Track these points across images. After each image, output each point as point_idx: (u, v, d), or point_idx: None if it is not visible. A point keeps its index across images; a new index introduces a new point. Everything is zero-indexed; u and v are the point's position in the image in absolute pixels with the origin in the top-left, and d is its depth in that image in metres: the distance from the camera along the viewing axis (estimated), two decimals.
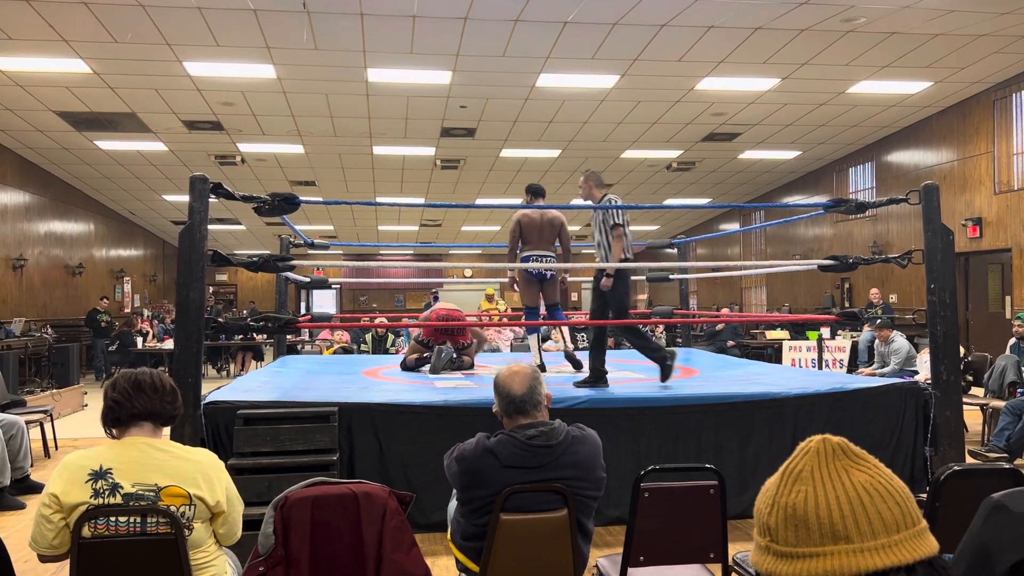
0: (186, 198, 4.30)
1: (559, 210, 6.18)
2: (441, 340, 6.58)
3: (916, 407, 4.97)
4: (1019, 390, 6.66)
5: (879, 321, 8.85)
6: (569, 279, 7.52)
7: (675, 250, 8.99)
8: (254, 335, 13.14)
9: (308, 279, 8.17)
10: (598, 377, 5.18)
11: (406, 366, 6.74)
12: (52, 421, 7.04)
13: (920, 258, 4.86)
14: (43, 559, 2.23)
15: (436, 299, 15.53)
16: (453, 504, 2.71)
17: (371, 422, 4.49)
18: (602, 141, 12.75)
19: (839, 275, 14.61)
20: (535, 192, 6.20)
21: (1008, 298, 10.87)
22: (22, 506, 5.19)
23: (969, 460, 5.53)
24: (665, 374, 5.28)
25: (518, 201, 18.40)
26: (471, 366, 6.72)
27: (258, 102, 10.36)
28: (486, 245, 15.50)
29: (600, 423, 3.83)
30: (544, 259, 6.00)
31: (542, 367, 5.92)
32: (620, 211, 5.28)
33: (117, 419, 2.28)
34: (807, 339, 11.27)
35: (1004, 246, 10.83)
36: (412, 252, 25.68)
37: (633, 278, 6.43)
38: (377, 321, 10.91)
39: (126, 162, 13.59)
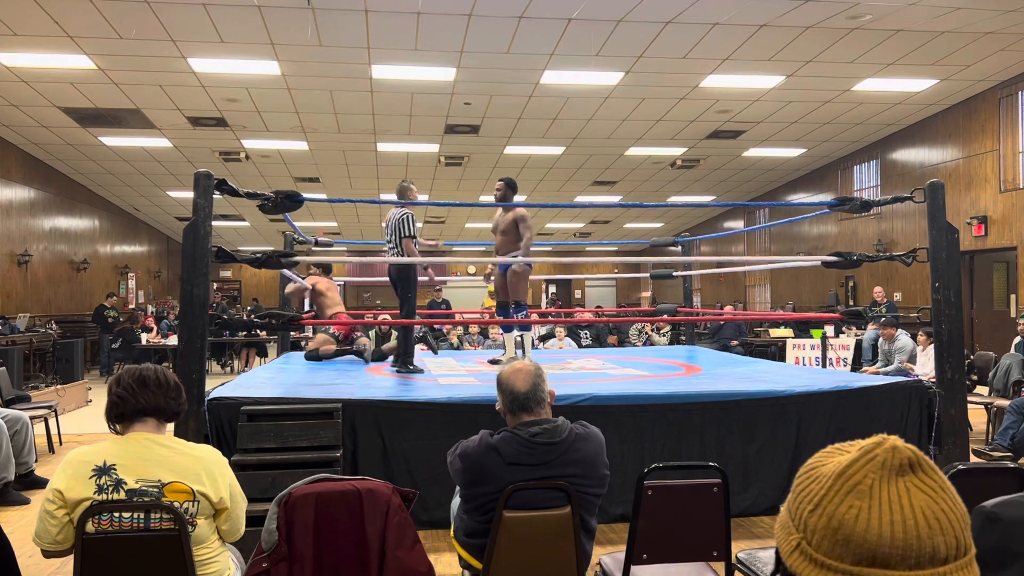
0: (190, 194, 4.30)
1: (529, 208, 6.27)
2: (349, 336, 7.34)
3: (920, 406, 4.96)
4: None
5: (883, 320, 8.83)
6: (574, 276, 8.17)
7: (679, 248, 8.98)
8: (258, 331, 13.17)
9: None
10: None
11: (317, 356, 7.04)
12: (56, 416, 7.05)
13: (925, 256, 4.84)
14: (47, 554, 2.24)
15: (443, 302, 15.55)
16: (456, 501, 2.71)
17: (375, 419, 4.49)
18: (606, 138, 12.73)
19: (843, 273, 14.56)
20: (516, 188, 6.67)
21: (1013, 296, 10.84)
22: (26, 501, 5.21)
23: (973, 459, 5.51)
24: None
25: (523, 199, 18.32)
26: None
27: (262, 99, 10.36)
28: (490, 243, 15.40)
29: (603, 420, 3.83)
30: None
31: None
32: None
33: (121, 415, 2.28)
34: (811, 337, 11.24)
35: (1009, 244, 10.79)
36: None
37: (637, 275, 6.49)
38: (380, 318, 10.91)
39: (131, 158, 13.61)
